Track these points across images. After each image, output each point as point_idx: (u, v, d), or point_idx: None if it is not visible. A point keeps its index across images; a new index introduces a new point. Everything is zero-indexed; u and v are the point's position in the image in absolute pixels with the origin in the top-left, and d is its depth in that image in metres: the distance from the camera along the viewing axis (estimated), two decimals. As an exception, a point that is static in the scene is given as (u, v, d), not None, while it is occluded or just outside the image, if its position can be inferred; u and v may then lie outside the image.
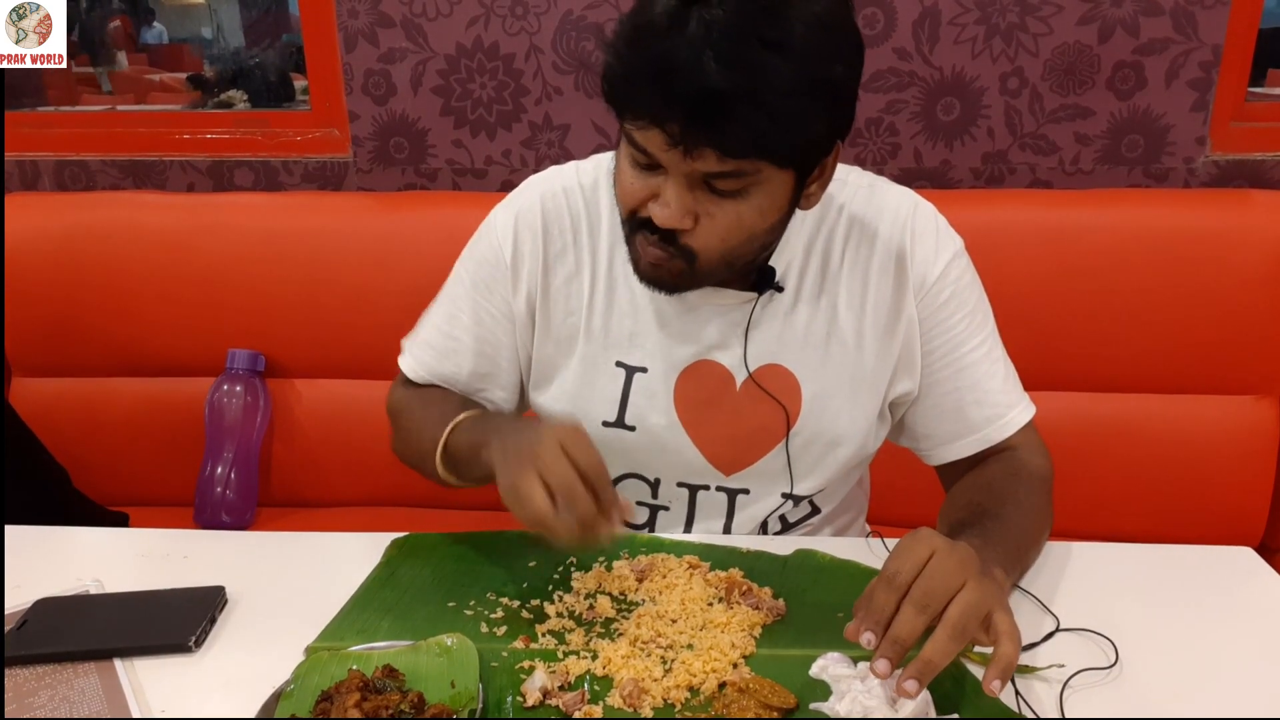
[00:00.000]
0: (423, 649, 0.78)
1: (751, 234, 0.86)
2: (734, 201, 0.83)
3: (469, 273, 1.05)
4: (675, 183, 0.82)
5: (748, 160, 0.79)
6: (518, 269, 1.02)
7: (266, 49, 2.28)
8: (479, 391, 1.06)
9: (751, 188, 0.82)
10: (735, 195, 0.82)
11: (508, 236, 1.02)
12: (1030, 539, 0.93)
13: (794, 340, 0.99)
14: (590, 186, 1.02)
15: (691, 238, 0.85)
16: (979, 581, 0.71)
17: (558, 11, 1.65)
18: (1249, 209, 1.54)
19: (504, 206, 1.05)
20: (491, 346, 1.04)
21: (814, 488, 1.04)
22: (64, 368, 1.70)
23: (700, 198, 0.83)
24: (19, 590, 0.90)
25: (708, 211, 0.83)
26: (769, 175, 0.82)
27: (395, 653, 0.78)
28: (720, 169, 0.79)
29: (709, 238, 0.85)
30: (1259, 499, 1.56)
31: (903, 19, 1.60)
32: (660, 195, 0.83)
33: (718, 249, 0.85)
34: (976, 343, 1.00)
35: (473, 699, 0.73)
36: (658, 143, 0.79)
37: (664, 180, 0.83)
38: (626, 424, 1.00)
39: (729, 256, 0.87)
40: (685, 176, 0.81)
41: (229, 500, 1.65)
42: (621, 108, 0.82)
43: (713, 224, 0.84)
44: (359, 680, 0.72)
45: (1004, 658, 0.69)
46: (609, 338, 1.00)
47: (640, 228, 0.87)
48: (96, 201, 1.75)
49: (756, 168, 0.80)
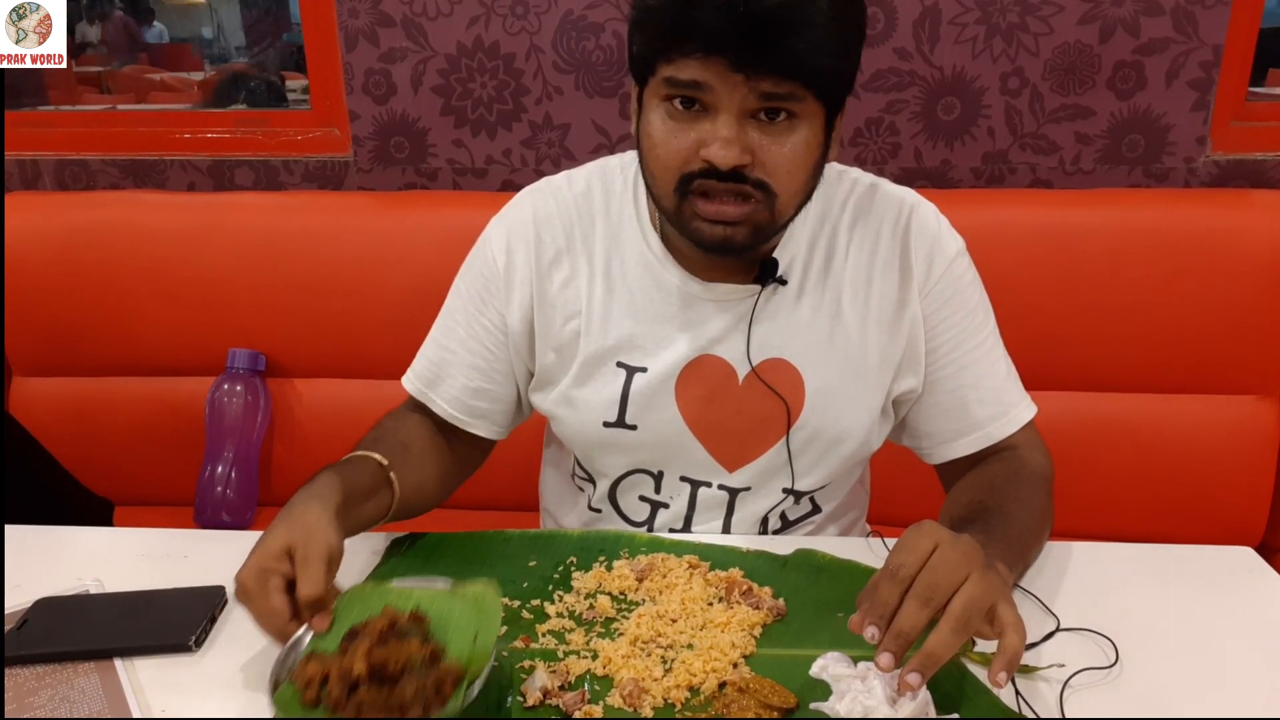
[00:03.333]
0: (458, 595, 0.79)
1: (806, 169, 0.88)
2: (784, 135, 0.85)
3: (465, 288, 1.06)
4: (726, 118, 0.83)
5: (798, 84, 0.82)
6: (511, 280, 1.02)
7: (266, 49, 2.28)
8: (473, 403, 1.05)
9: (797, 122, 0.85)
10: (784, 129, 0.84)
11: (500, 249, 1.02)
12: (1032, 537, 0.93)
13: (797, 334, 0.99)
14: (582, 193, 1.02)
15: (759, 171, 0.85)
16: (982, 574, 0.71)
17: (558, 11, 1.65)
18: (1249, 209, 1.54)
19: (497, 220, 1.05)
20: (485, 360, 1.04)
21: (815, 484, 1.04)
22: (64, 368, 1.70)
23: (751, 134, 0.84)
24: (19, 590, 0.90)
25: (761, 145, 0.84)
26: (810, 109, 0.84)
27: (431, 595, 0.78)
28: (776, 90, 0.81)
29: (774, 172, 0.86)
30: (1259, 499, 1.56)
31: (903, 19, 1.60)
32: (711, 138, 0.84)
33: (786, 183, 0.87)
34: (979, 340, 1.01)
35: (487, 656, 0.72)
36: (714, 71, 0.81)
37: (711, 124, 0.83)
38: (628, 423, 1.00)
39: (796, 193, 0.89)
40: (737, 109, 0.83)
41: (229, 500, 1.65)
42: (670, 43, 0.83)
43: (770, 156, 0.85)
44: (384, 623, 0.73)
45: (1009, 649, 0.69)
46: (608, 339, 1.00)
47: (690, 191, 0.87)
48: (96, 201, 1.74)
49: (804, 94, 0.83)
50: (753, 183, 0.85)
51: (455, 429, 1.06)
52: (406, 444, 1.00)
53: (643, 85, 0.89)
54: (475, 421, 1.06)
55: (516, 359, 1.04)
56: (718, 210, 0.86)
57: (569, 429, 1.04)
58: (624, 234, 1.00)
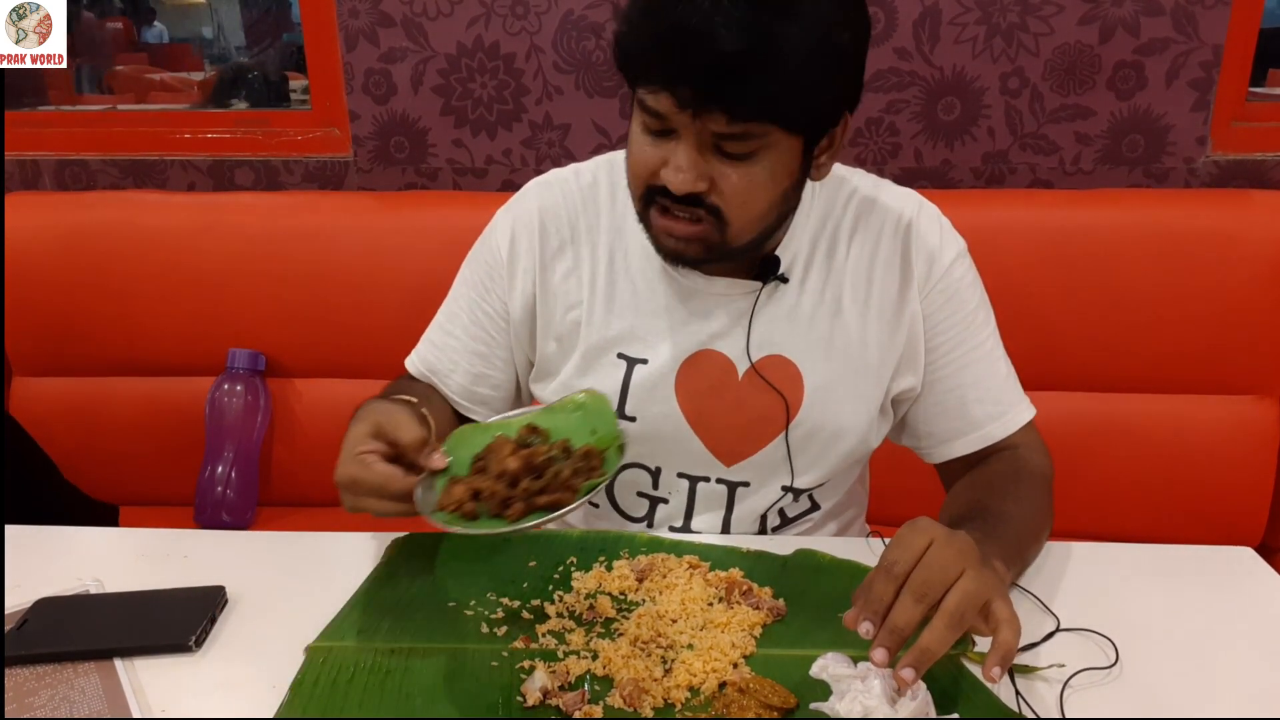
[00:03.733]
0: (557, 409, 0.84)
1: (767, 199, 0.88)
2: (745, 165, 0.84)
3: (470, 275, 1.08)
4: (686, 146, 0.83)
5: (756, 123, 0.81)
6: (514, 268, 1.03)
7: (267, 49, 2.28)
8: (474, 388, 1.08)
9: (761, 151, 0.84)
10: (745, 159, 0.84)
11: (505, 237, 1.04)
12: (1031, 536, 0.93)
13: (797, 331, 1.00)
14: (588, 185, 1.04)
15: (714, 197, 0.86)
16: (977, 571, 0.71)
17: (558, 11, 1.65)
18: (1249, 209, 1.54)
19: (504, 210, 1.07)
20: (486, 345, 1.06)
21: (814, 481, 1.04)
22: (64, 368, 1.70)
23: (712, 161, 0.84)
24: (19, 590, 0.90)
25: (721, 173, 0.85)
26: (778, 139, 0.83)
27: (533, 415, 0.84)
28: (729, 131, 0.81)
29: (728, 201, 0.86)
30: (1259, 499, 1.56)
31: (903, 19, 1.60)
32: (671, 160, 0.84)
33: (739, 211, 0.87)
34: (979, 340, 1.01)
35: (616, 438, 0.78)
36: (668, 105, 0.81)
37: (675, 145, 0.84)
38: (627, 415, 1.01)
39: (753, 222, 0.89)
40: (696, 139, 0.83)
41: (229, 500, 1.65)
42: (633, 73, 0.84)
43: (728, 185, 0.85)
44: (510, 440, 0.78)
45: (1004, 645, 0.69)
46: (610, 330, 1.01)
47: (654, 203, 0.89)
48: (96, 201, 1.75)
49: (765, 130, 0.82)
50: (707, 208, 0.86)
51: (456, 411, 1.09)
52: (426, 395, 1.04)
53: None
54: (476, 408, 1.08)
55: (517, 347, 1.06)
56: (669, 226, 0.89)
57: None
58: (628, 227, 1.01)
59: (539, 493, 0.76)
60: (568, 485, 0.76)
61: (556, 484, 0.76)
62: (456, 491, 0.76)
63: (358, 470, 0.79)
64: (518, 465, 0.75)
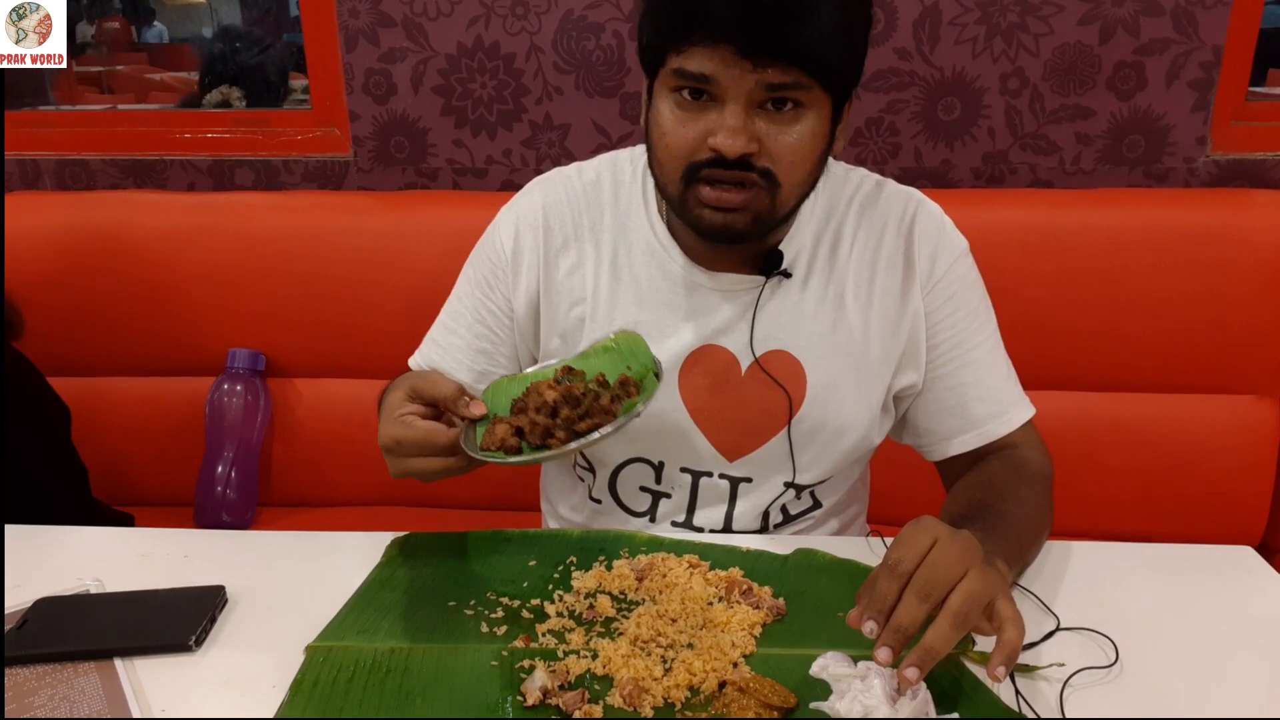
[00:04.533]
0: (589, 354, 0.86)
1: (811, 159, 0.89)
2: (790, 124, 0.85)
3: (473, 273, 1.08)
4: (734, 107, 0.84)
5: (804, 73, 0.82)
6: (518, 266, 1.04)
7: (267, 48, 2.28)
8: (478, 385, 1.07)
9: (803, 112, 0.85)
10: (790, 119, 0.85)
11: (509, 235, 1.04)
12: (1031, 535, 0.93)
13: (800, 327, 1.00)
14: (591, 183, 1.04)
15: (765, 159, 0.86)
16: (981, 570, 0.71)
17: (558, 11, 1.65)
18: (1249, 209, 1.54)
19: (507, 208, 1.08)
20: (490, 343, 1.06)
21: (816, 478, 1.05)
22: (64, 368, 1.69)
23: (758, 123, 0.85)
24: (19, 590, 0.90)
25: (768, 134, 0.85)
26: (817, 98, 0.85)
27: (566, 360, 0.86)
28: (782, 79, 0.82)
29: (778, 161, 0.86)
30: (1259, 499, 1.56)
31: (903, 19, 1.60)
32: (718, 128, 0.84)
33: (788, 173, 0.87)
34: (980, 339, 1.02)
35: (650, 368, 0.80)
36: (721, 60, 0.82)
37: (718, 114, 0.84)
38: None
39: (800, 184, 0.90)
40: (745, 98, 0.83)
41: (229, 500, 1.65)
42: (679, 32, 0.84)
43: (776, 146, 0.86)
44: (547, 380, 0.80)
45: (1008, 644, 0.69)
46: (613, 325, 1.01)
47: (697, 178, 0.88)
48: (96, 201, 1.74)
49: (810, 83, 0.83)
50: (759, 171, 0.86)
51: None
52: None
53: (652, 77, 0.90)
54: None
55: (521, 344, 1.07)
56: (720, 197, 0.88)
57: None
58: (631, 223, 1.02)
59: (580, 419, 0.77)
60: (608, 411, 0.77)
61: (597, 409, 0.77)
62: (499, 429, 0.77)
63: (400, 430, 0.80)
64: (556, 396, 0.76)
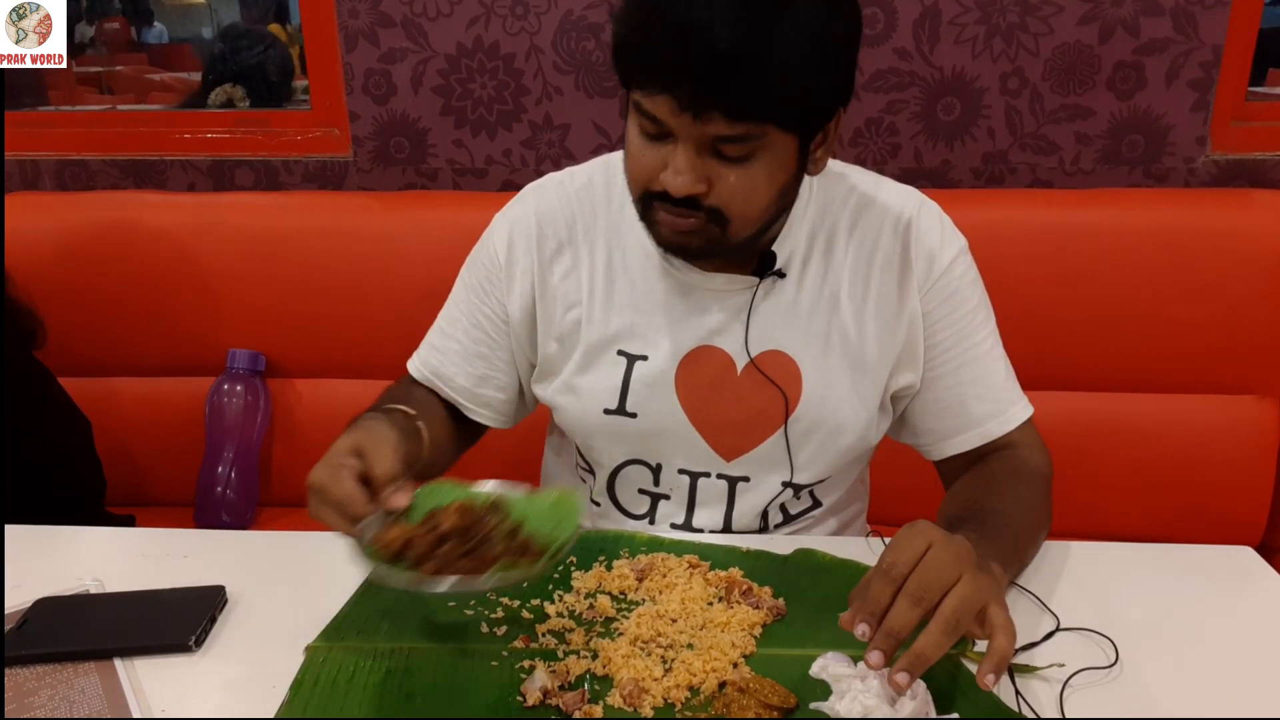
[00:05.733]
0: (534, 499, 0.82)
1: (766, 198, 0.88)
2: (743, 166, 0.84)
3: (469, 278, 1.08)
4: (685, 149, 0.83)
5: (755, 124, 0.81)
6: (512, 271, 1.04)
7: (267, 48, 2.28)
8: (478, 390, 1.08)
9: (758, 151, 0.84)
10: (743, 160, 0.84)
11: (503, 241, 1.05)
12: (1029, 536, 0.93)
13: (796, 327, 1.00)
14: (583, 186, 1.04)
15: (714, 199, 0.86)
16: (974, 575, 0.71)
17: (558, 11, 1.65)
18: (1249, 209, 1.54)
19: (501, 215, 1.08)
20: (487, 348, 1.07)
21: (814, 477, 1.04)
22: (64, 368, 1.69)
23: (710, 163, 0.84)
24: (19, 590, 0.90)
25: (719, 174, 0.84)
26: (775, 138, 0.83)
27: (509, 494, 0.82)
28: (729, 132, 0.81)
29: (728, 200, 0.86)
30: (1259, 499, 1.56)
31: (903, 19, 1.60)
32: (670, 163, 0.84)
33: (739, 209, 0.87)
34: (979, 338, 1.01)
35: (565, 544, 0.75)
36: (667, 108, 0.81)
37: (673, 148, 0.84)
38: (628, 411, 1.01)
39: (753, 219, 0.89)
40: (694, 142, 0.82)
41: (229, 500, 1.65)
42: (630, 75, 0.83)
43: (726, 187, 0.85)
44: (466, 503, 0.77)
45: (998, 651, 0.69)
46: (609, 328, 1.01)
47: (655, 202, 0.88)
48: (96, 201, 1.74)
49: (763, 131, 0.82)
50: (706, 210, 0.86)
51: (458, 414, 1.09)
52: (424, 403, 1.04)
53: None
54: (480, 410, 1.09)
55: (518, 349, 1.07)
56: (673, 222, 0.88)
57: (570, 417, 1.05)
58: (625, 225, 1.02)
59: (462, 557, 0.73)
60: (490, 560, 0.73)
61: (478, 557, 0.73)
62: (393, 533, 0.74)
63: (328, 481, 0.78)
64: (450, 526, 0.73)
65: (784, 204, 0.93)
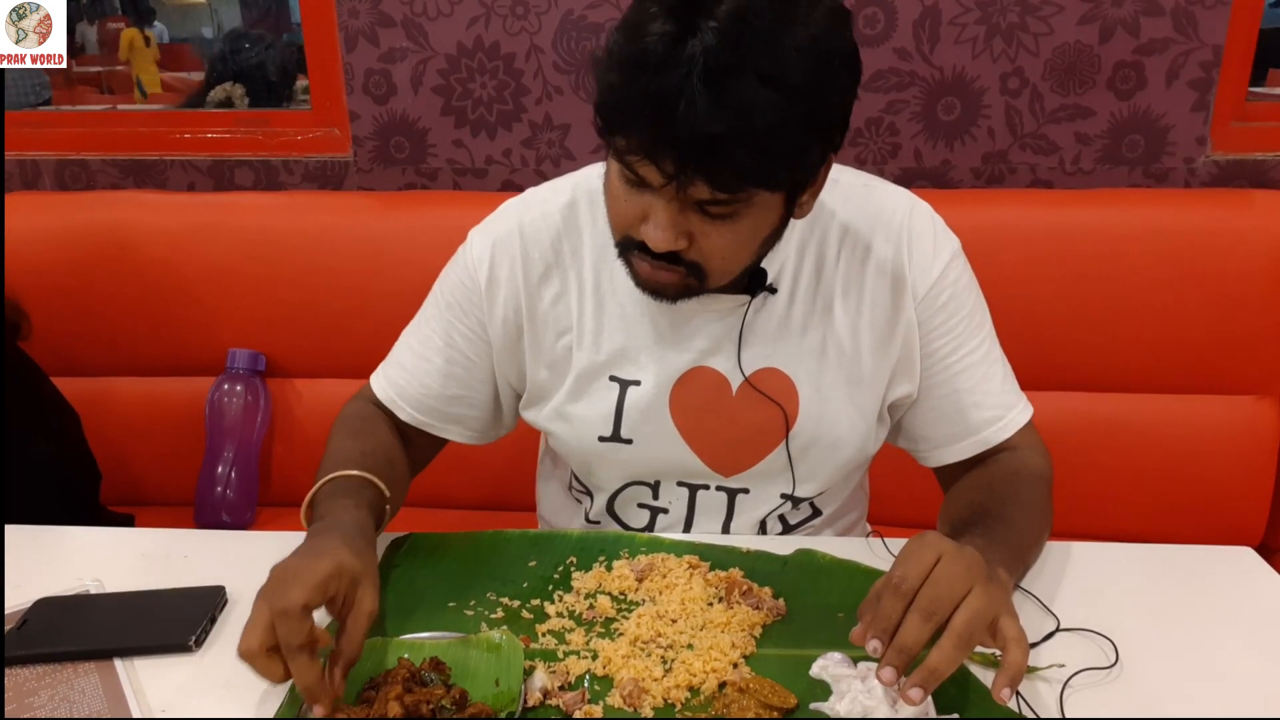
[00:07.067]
0: (473, 643, 0.80)
1: (749, 251, 0.87)
2: (727, 223, 0.82)
3: (443, 295, 1.04)
4: (667, 207, 0.80)
5: (741, 191, 0.78)
6: (494, 293, 1.00)
7: (267, 48, 2.28)
8: (449, 410, 1.05)
9: (743, 210, 0.81)
10: (727, 218, 0.81)
11: (483, 261, 1.00)
12: (1031, 538, 0.93)
13: (789, 343, 0.98)
14: (568, 205, 1.00)
15: (694, 254, 0.84)
16: (985, 587, 0.71)
17: (558, 11, 1.65)
18: (1249, 209, 1.54)
19: (480, 231, 1.03)
20: (462, 368, 1.03)
21: (815, 490, 1.04)
22: (64, 368, 1.69)
23: (692, 218, 0.81)
24: (19, 590, 0.90)
25: (701, 231, 0.82)
26: (762, 198, 0.80)
27: (445, 645, 0.79)
28: (711, 197, 0.78)
29: (708, 255, 0.84)
30: (1259, 499, 1.56)
31: (903, 19, 1.60)
32: (651, 217, 0.81)
33: (719, 265, 0.85)
34: (975, 344, 1.00)
35: (513, 701, 0.74)
36: (648, 172, 0.78)
37: (654, 201, 0.80)
38: (623, 438, 1.00)
39: (733, 271, 0.87)
40: (677, 201, 0.80)
41: (229, 500, 1.65)
42: (611, 134, 0.79)
43: (708, 243, 0.83)
44: (405, 671, 0.74)
45: (1013, 665, 0.69)
46: (600, 353, 0.99)
47: (636, 250, 0.86)
48: (96, 201, 1.74)
49: (749, 195, 0.79)
50: (686, 264, 0.84)
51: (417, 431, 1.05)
52: (392, 461, 1.00)
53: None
54: (448, 427, 1.05)
55: (499, 369, 1.04)
56: (651, 273, 0.86)
57: (565, 444, 1.03)
58: (611, 246, 0.97)
59: None
60: None
61: None
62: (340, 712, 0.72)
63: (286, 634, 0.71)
64: (398, 712, 0.70)
65: (766, 250, 0.90)
